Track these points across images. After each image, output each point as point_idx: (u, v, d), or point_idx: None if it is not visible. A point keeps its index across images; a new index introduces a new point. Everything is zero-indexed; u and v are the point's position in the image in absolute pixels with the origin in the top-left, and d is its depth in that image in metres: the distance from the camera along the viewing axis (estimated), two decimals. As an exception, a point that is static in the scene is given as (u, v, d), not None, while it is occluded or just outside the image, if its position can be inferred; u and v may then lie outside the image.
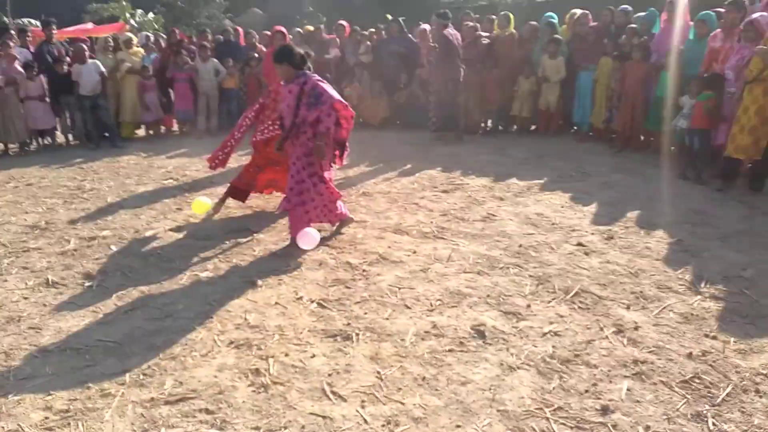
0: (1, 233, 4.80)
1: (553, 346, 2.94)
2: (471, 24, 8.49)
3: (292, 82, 4.20)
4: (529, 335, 3.06)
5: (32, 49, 8.65)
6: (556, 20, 8.20)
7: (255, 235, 4.67)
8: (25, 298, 3.64)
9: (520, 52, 8.18)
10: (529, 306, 3.37)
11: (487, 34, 8.51)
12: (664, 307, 3.34)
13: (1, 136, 7.81)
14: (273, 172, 5.13)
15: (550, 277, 3.74)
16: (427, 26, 9.36)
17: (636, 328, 3.10)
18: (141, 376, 2.81)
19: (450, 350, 2.95)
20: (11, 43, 7.98)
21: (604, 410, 2.47)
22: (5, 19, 23.18)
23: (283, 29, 7.04)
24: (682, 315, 3.26)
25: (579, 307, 3.34)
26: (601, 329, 3.10)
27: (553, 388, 2.62)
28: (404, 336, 3.10)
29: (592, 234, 4.48)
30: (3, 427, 2.47)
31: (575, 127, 8.21)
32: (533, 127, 8.42)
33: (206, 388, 2.71)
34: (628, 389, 2.61)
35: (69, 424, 2.49)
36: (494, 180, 6.06)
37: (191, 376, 2.81)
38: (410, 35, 9.24)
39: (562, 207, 5.14)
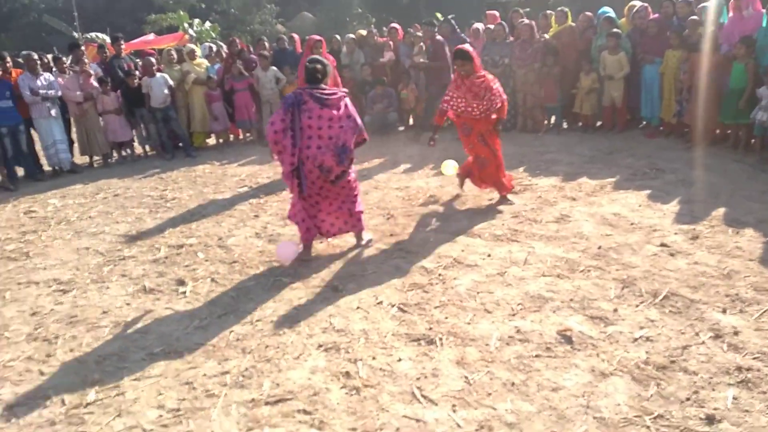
0: (98, 242, 5.14)
1: (647, 352, 2.90)
2: (526, 21, 8.38)
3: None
4: (619, 340, 3.04)
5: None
6: (613, 14, 7.99)
7: (329, 240, 4.80)
8: (128, 304, 3.90)
9: (581, 44, 8.03)
10: (616, 310, 3.33)
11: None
12: (765, 311, 3.22)
13: (86, 149, 8.32)
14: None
15: (636, 279, 3.68)
16: (480, 25, 9.31)
17: (736, 333, 3.01)
18: (240, 378, 2.97)
19: (537, 356, 2.97)
20: (86, 60, 8.45)
21: (710, 419, 2.43)
22: (75, 33, 24.54)
23: (321, 38, 7.15)
24: (786, 319, 3.14)
25: (670, 311, 3.28)
26: (697, 334, 3.03)
27: (651, 396, 2.59)
28: (488, 341, 3.13)
29: (676, 234, 4.37)
30: (125, 423, 2.67)
31: (644, 122, 7.98)
32: (599, 123, 8.23)
33: (302, 390, 2.83)
34: (734, 398, 2.55)
35: (181, 422, 2.67)
36: (564, 179, 5.98)
37: (286, 378, 2.94)
38: (462, 35, 9.20)
39: (640, 206, 5.03)
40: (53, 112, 7.76)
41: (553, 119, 8.53)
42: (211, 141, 9.45)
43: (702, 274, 3.70)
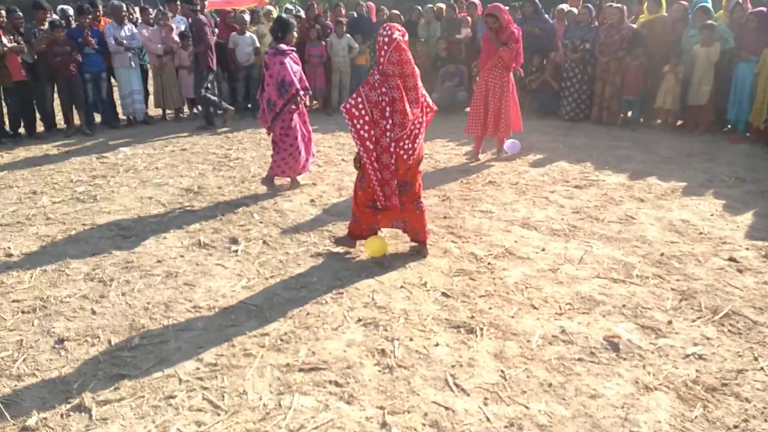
0: (161, 194, 5.35)
1: (697, 371, 2.74)
2: (615, 5, 7.91)
3: None
4: (669, 354, 2.88)
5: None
6: (709, 4, 7.41)
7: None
8: (181, 256, 4.04)
9: (671, 36, 7.53)
10: (670, 322, 3.16)
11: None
12: (839, 343, 2.98)
13: (160, 101, 8.63)
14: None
15: (696, 293, 3.47)
16: (565, 6, 8.89)
17: (802, 364, 2.80)
18: (278, 341, 3.02)
19: (579, 359, 2.86)
20: (169, 14, 8.70)
21: (757, 452, 2.28)
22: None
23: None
24: None
25: (729, 331, 3.07)
26: (756, 359, 2.83)
27: (696, 417, 2.45)
28: (530, 337, 3.04)
29: (747, 249, 4.07)
30: (163, 371, 2.78)
31: (729, 126, 7.45)
32: (679, 122, 7.76)
33: (336, 362, 2.85)
34: (787, 432, 2.38)
35: (216, 377, 2.74)
36: (633, 178, 5.69)
37: (323, 347, 2.97)
38: (546, 15, 8.83)
39: (712, 215, 4.72)
40: (133, 62, 8.07)
41: (629, 113, 8.11)
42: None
43: (771, 295, 3.44)
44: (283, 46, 5.06)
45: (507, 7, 9.53)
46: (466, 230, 4.46)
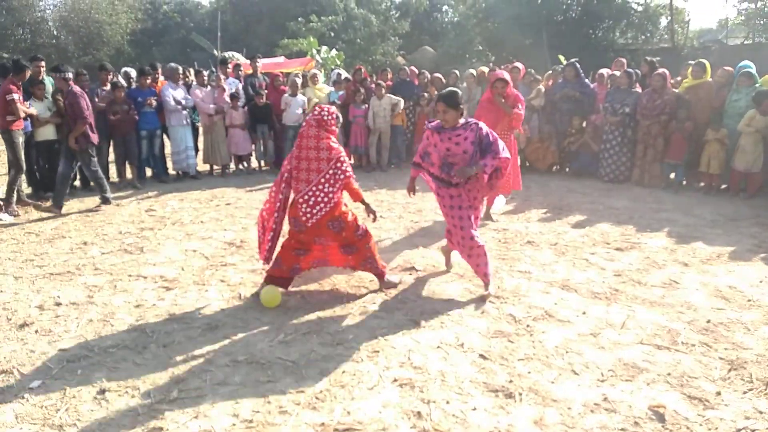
0: (205, 246, 5.51)
1: (750, 447, 2.60)
2: (659, 71, 7.97)
3: (460, 127, 4.16)
4: (719, 428, 2.74)
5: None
6: (753, 69, 7.39)
7: (419, 273, 4.80)
8: (222, 310, 4.12)
9: (716, 102, 7.51)
10: (719, 393, 3.02)
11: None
12: None
13: (209, 158, 9.00)
14: (321, 250, 4.35)
15: (746, 363, 3.32)
16: (606, 71, 9.02)
17: None
18: (314, 399, 3.02)
19: (623, 429, 2.75)
20: (222, 76, 9.20)
21: None
22: (215, 51, 26.83)
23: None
24: None
25: (783, 406, 2.92)
26: (813, 437, 2.68)
27: (750, 498, 2.31)
28: (571, 404, 2.95)
29: (800, 319, 3.91)
30: (200, 426, 2.80)
31: (776, 189, 7.27)
32: (724, 186, 7.61)
33: (371, 422, 2.82)
34: None
35: (251, 433, 2.74)
36: (677, 242, 5.57)
37: (358, 407, 2.95)
38: (587, 80, 8.97)
39: (761, 282, 4.55)
40: (186, 120, 8.51)
41: (672, 176, 8.02)
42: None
43: (829, 369, 3.26)
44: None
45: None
46: (504, 291, 4.42)
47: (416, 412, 2.90)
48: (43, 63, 7.24)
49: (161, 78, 8.98)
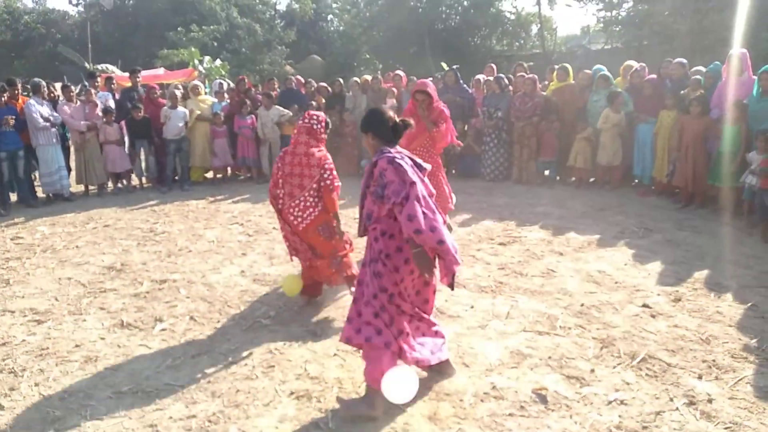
0: (81, 273, 5.11)
1: (620, 416, 2.85)
2: (528, 75, 8.57)
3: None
4: (593, 402, 2.98)
5: (117, 95, 9.29)
6: (607, 72, 8.19)
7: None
8: (102, 339, 3.84)
9: (579, 102, 8.20)
10: (593, 370, 3.29)
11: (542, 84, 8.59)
12: (740, 379, 3.18)
13: (82, 177, 8.38)
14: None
15: (615, 340, 3.65)
16: (482, 76, 9.53)
17: (710, 401, 2.97)
18: (206, 423, 2.90)
19: (510, 414, 2.91)
20: (93, 90, 8.62)
21: (677, 491, 2.36)
22: (86, 64, 25.07)
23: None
24: (761, 389, 3.08)
25: (646, 375, 3.23)
26: (671, 400, 2.98)
27: (621, 463, 2.53)
28: (463, 396, 3.08)
29: (658, 295, 4.35)
30: (79, 467, 2.59)
31: (636, 181, 8.06)
32: (592, 180, 8.31)
33: (268, 439, 2.76)
34: (702, 469, 2.49)
35: (139, 467, 2.59)
36: (553, 233, 6.00)
37: (253, 425, 2.88)
38: (465, 85, 9.42)
39: (625, 265, 5.02)
40: (55, 138, 7.87)
41: (546, 172, 8.62)
42: (209, 175, 9.50)
43: (681, 337, 3.66)
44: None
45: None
46: (397, 293, 4.50)
47: (314, 423, 2.89)
48: None
49: (23, 94, 8.24)
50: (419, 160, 3.02)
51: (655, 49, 17.45)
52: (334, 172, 4.06)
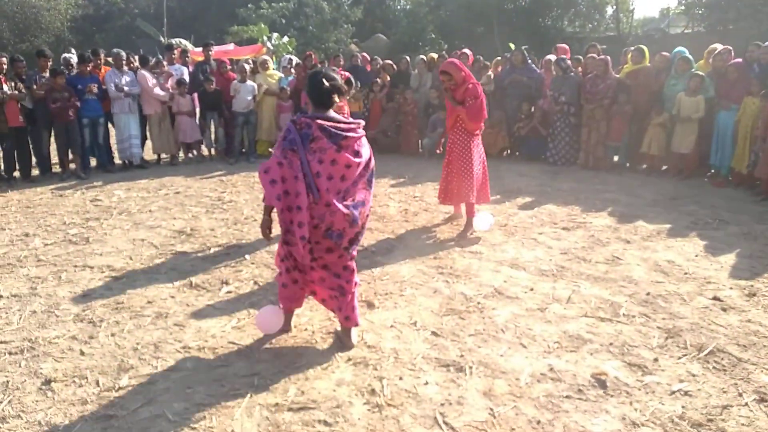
0: (153, 235, 5.39)
1: (683, 407, 2.76)
2: (600, 56, 8.24)
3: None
4: (655, 391, 2.90)
5: (191, 68, 9.62)
6: (688, 54, 7.73)
7: (373, 255, 4.84)
8: (172, 297, 4.05)
9: (655, 85, 7.82)
10: (656, 360, 3.19)
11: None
12: (816, 379, 3.01)
13: (156, 147, 8.77)
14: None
15: (681, 331, 3.51)
16: (552, 56, 9.25)
17: (783, 399, 2.83)
18: (267, 381, 3.02)
19: (567, 396, 2.87)
20: (165, 62, 8.95)
21: (742, 486, 2.28)
22: (162, 38, 26.02)
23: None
24: (838, 391, 2.91)
25: (714, 368, 3.10)
26: (740, 395, 2.86)
27: (682, 453, 2.46)
28: (519, 375, 3.06)
29: (731, 288, 4.14)
30: (151, 411, 2.76)
31: (712, 170, 7.64)
32: (664, 168, 7.95)
33: (325, 401, 2.85)
34: (771, 467, 2.39)
35: (204, 417, 2.73)
36: (620, 221, 5.80)
37: (312, 387, 2.97)
38: (534, 66, 9.17)
39: (696, 256, 4.80)
40: (131, 108, 8.25)
41: (616, 158, 8.31)
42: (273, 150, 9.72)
43: (754, 333, 3.48)
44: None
45: (498, 57, 9.94)
46: (456, 270, 4.51)
47: (370, 388, 2.95)
48: None
49: (105, 65, 8.67)
50: (345, 124, 3.08)
51: (742, 34, 16.37)
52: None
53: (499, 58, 9.99)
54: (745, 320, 3.65)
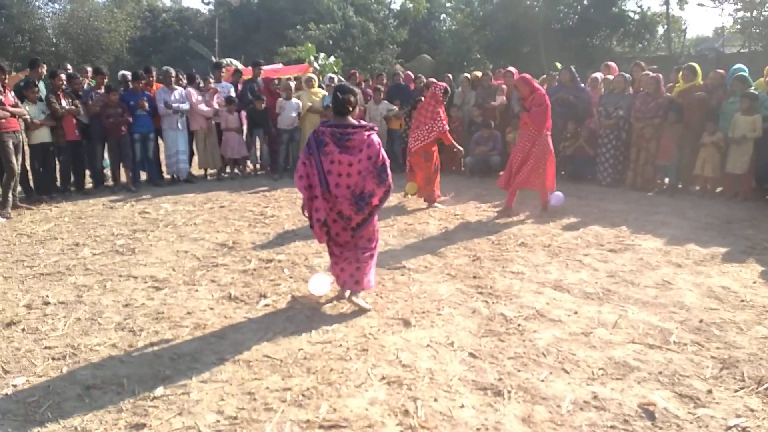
0: (197, 248, 5.49)
1: (741, 444, 2.57)
2: (652, 74, 7.98)
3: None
4: (709, 425, 2.71)
5: (240, 86, 9.86)
6: (746, 72, 7.40)
7: (411, 273, 4.77)
8: (211, 309, 4.09)
9: (707, 105, 7.52)
10: (710, 392, 2.99)
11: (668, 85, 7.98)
12: None
13: (203, 162, 9.00)
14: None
15: (738, 362, 3.29)
16: (599, 75, 9.05)
17: None
18: (300, 396, 2.98)
19: (612, 427, 2.71)
20: (211, 80, 9.18)
21: None
22: (213, 58, 26.94)
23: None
24: None
25: (775, 403, 2.89)
26: (804, 434, 2.64)
27: (739, 494, 2.27)
28: (560, 402, 2.92)
29: (793, 318, 3.88)
30: (183, 422, 2.76)
31: (771, 193, 7.26)
32: (719, 189, 7.60)
33: (357, 420, 2.78)
34: None
35: (235, 430, 2.71)
36: (670, 244, 5.55)
37: (344, 404, 2.91)
38: (582, 84, 8.99)
39: (754, 283, 4.53)
40: (180, 124, 8.50)
41: (666, 180, 8.01)
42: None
43: (821, 367, 3.23)
44: None
45: (544, 75, 9.81)
46: (496, 291, 4.39)
47: (403, 409, 2.87)
48: (43, 66, 7.47)
49: (157, 82, 8.99)
50: (352, 128, 3.76)
51: (803, 53, 15.67)
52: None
53: (545, 76, 9.85)
54: (809, 353, 3.40)
